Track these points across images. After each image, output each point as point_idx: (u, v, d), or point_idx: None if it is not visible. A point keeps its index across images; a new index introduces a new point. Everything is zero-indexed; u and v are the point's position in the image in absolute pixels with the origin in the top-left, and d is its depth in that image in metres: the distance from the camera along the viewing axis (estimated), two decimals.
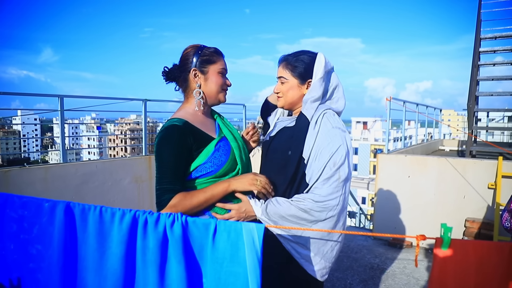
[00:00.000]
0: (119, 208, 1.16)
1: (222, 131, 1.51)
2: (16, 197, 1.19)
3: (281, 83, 1.57)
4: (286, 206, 1.37)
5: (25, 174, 3.80)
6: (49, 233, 1.17)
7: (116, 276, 1.15)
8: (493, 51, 6.43)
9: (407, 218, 4.83)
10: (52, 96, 4.25)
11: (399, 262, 4.23)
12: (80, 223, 1.17)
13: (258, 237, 1.11)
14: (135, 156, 5.20)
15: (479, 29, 6.40)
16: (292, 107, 1.61)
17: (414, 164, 4.79)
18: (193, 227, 1.15)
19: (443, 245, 1.28)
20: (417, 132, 7.08)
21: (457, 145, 9.62)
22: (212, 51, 1.49)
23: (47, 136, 18.20)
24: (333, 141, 1.42)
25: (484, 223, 4.22)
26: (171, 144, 1.35)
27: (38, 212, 1.18)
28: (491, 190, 4.32)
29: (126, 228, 1.14)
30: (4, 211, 1.19)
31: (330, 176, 1.38)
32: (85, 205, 1.17)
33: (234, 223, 1.14)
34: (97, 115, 35.56)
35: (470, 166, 4.47)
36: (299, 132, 1.46)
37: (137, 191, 4.83)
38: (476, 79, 6.04)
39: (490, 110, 6.51)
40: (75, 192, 4.15)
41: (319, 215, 1.36)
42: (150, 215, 1.15)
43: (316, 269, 1.42)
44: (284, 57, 1.59)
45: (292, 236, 1.40)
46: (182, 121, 1.40)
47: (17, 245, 1.19)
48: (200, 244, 1.15)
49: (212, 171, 1.40)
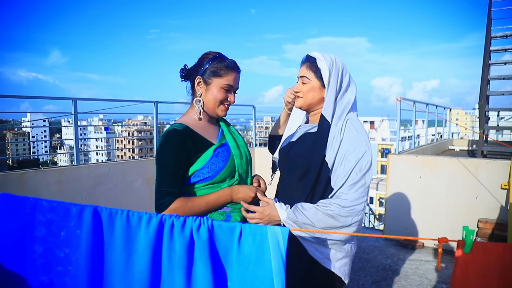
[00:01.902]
0: (146, 212, 1.18)
1: (224, 137, 1.53)
2: (45, 201, 1.22)
3: (303, 83, 1.55)
4: (313, 211, 1.37)
5: (40, 176, 3.85)
6: (76, 236, 1.19)
7: (142, 279, 1.17)
8: (504, 50, 6.37)
9: (419, 219, 4.81)
10: (65, 99, 4.30)
11: (411, 262, 4.21)
12: (107, 227, 1.19)
13: (283, 241, 1.13)
14: (146, 157, 5.24)
15: (489, 28, 6.34)
16: (310, 109, 1.60)
17: (425, 165, 4.76)
18: (218, 230, 1.16)
19: (465, 247, 1.28)
20: (427, 132, 7.03)
21: (467, 145, 9.54)
22: (224, 65, 1.48)
23: (57, 139, 18.41)
24: (359, 147, 1.42)
25: (498, 223, 4.18)
26: (171, 149, 1.38)
27: (66, 216, 1.20)
28: (504, 191, 4.28)
29: (153, 232, 1.16)
30: (33, 215, 1.21)
31: (356, 181, 1.38)
32: (112, 209, 1.19)
33: (260, 226, 1.16)
34: (104, 116, 35.84)
35: (483, 166, 4.44)
36: (321, 135, 1.46)
37: (149, 193, 4.87)
38: (487, 78, 5.99)
39: (501, 110, 6.44)
40: (89, 194, 4.20)
41: (346, 220, 1.37)
42: (176, 219, 1.17)
43: (339, 266, 1.45)
44: (309, 57, 1.56)
45: (315, 238, 1.41)
46: (183, 126, 1.44)
47: (45, 248, 1.21)
48: (225, 248, 1.17)
49: (209, 177, 1.42)
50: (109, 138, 34.14)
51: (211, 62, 1.47)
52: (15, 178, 3.63)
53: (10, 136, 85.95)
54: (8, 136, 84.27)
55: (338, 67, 1.51)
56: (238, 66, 1.53)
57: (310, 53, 1.57)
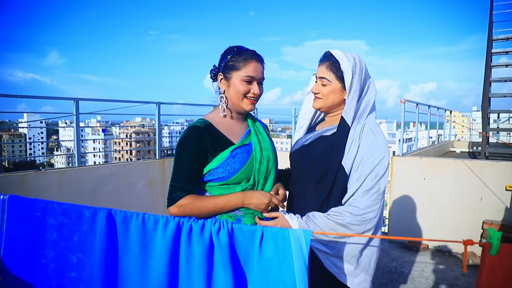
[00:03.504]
0: (162, 215, 1.14)
1: (248, 138, 1.47)
2: (56, 203, 1.17)
3: (322, 84, 1.47)
4: (324, 221, 1.33)
5: (41, 178, 3.79)
6: (90, 241, 1.14)
7: (159, 286, 1.12)
8: (505, 52, 6.37)
9: (423, 221, 4.78)
10: (67, 99, 4.25)
11: (417, 265, 4.18)
12: (122, 231, 1.15)
13: (305, 244, 1.09)
14: (148, 159, 5.19)
15: (491, 31, 6.34)
16: (329, 111, 1.53)
17: (429, 166, 4.74)
18: (239, 234, 1.12)
19: (492, 250, 1.24)
20: (429, 134, 7.02)
21: (468, 147, 9.54)
22: (241, 57, 1.42)
23: (54, 140, 18.28)
24: (376, 153, 1.37)
25: (503, 225, 4.15)
26: (190, 145, 1.36)
27: (78, 219, 1.16)
28: (509, 192, 4.26)
29: (170, 236, 1.12)
30: (44, 218, 1.17)
31: (370, 188, 1.33)
32: (127, 212, 1.14)
33: (281, 229, 1.12)
34: (102, 118, 35.63)
35: (487, 168, 4.42)
36: (340, 138, 1.41)
37: (151, 195, 4.81)
38: (489, 81, 5.98)
39: (503, 112, 6.44)
40: (90, 196, 4.14)
41: (358, 229, 1.32)
42: (195, 222, 1.12)
43: (357, 282, 1.37)
44: (330, 56, 1.45)
45: (331, 249, 1.36)
46: (206, 122, 1.41)
47: (57, 253, 1.16)
48: (246, 251, 1.12)
49: (223, 177, 1.38)
50: (107, 139, 33.91)
51: (229, 57, 1.43)
52: (15, 180, 3.57)
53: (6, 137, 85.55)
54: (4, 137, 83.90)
55: (362, 68, 1.44)
56: (259, 55, 1.46)
57: (332, 51, 1.47)
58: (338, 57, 1.43)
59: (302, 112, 1.71)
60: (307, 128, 1.68)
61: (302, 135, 1.66)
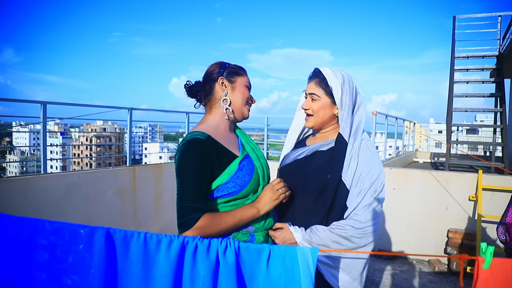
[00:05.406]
0: (166, 235, 1.09)
1: (245, 148, 1.44)
2: (47, 222, 1.09)
3: (312, 100, 1.50)
4: (327, 234, 1.35)
5: (1, 186, 3.53)
6: (86, 262, 1.07)
7: None
8: (467, 69, 6.78)
9: (392, 230, 4.93)
10: (35, 102, 4.00)
11: (386, 273, 4.30)
12: (121, 251, 1.08)
13: (312, 261, 1.08)
14: (116, 166, 5.00)
15: (453, 48, 6.74)
16: (321, 127, 1.55)
17: (399, 176, 4.91)
18: (245, 253, 1.10)
19: (485, 264, 1.29)
20: (396, 144, 7.30)
21: (430, 157, 10.02)
22: (238, 66, 1.47)
23: (34, 145, 17.15)
24: (374, 168, 1.41)
25: (466, 233, 4.38)
26: (194, 159, 1.24)
27: (73, 239, 1.08)
28: (471, 202, 4.50)
29: (174, 256, 1.07)
30: (34, 239, 1.08)
31: (370, 203, 1.38)
32: (127, 231, 1.08)
33: (288, 247, 1.10)
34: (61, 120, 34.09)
35: (452, 179, 4.65)
36: (338, 154, 1.43)
37: (120, 203, 4.62)
38: (452, 96, 6.34)
39: (465, 126, 6.87)
40: (57, 205, 3.90)
41: (360, 241, 1.36)
42: (200, 242, 1.08)
43: None
44: (318, 73, 1.51)
45: (333, 261, 1.37)
46: (205, 135, 1.31)
47: (49, 274, 1.08)
48: (252, 270, 1.10)
49: (234, 192, 1.31)
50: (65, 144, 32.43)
51: (227, 65, 1.44)
52: None
53: None
54: None
55: (352, 85, 1.48)
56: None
57: (320, 68, 1.51)
58: (326, 75, 1.48)
59: (292, 127, 1.74)
60: (295, 142, 1.70)
61: (290, 150, 1.67)
